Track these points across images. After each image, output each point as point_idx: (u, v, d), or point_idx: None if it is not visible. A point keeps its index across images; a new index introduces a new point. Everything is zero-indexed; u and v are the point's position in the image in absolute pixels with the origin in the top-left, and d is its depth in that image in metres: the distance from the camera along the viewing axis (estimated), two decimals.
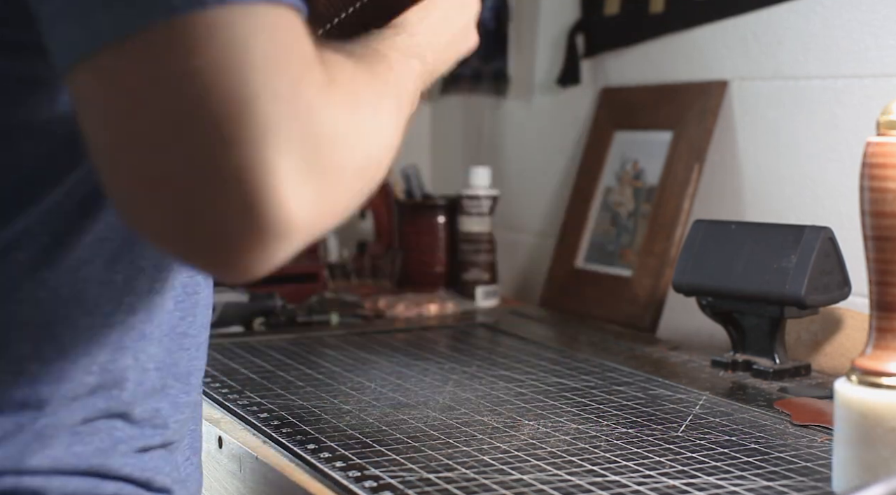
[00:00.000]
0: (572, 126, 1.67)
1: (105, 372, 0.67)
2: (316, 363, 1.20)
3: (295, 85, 0.51)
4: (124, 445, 0.69)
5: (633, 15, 1.55)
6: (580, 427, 0.94)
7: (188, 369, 0.74)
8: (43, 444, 0.65)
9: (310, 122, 0.52)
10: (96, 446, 0.67)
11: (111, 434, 0.68)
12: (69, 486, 0.66)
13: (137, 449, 0.70)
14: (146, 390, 0.70)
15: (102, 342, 0.67)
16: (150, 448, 0.71)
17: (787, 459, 0.85)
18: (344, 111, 0.55)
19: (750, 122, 1.37)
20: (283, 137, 0.50)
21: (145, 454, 0.71)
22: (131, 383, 0.69)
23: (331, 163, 0.53)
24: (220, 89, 0.49)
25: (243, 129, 0.49)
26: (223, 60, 0.50)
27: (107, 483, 0.68)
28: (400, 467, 0.83)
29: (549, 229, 1.70)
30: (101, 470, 0.68)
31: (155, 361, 0.71)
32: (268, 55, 0.51)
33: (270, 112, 0.50)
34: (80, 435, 0.67)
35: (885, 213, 0.72)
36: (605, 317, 1.48)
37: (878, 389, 0.72)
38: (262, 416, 0.98)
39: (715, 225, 1.21)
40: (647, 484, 0.79)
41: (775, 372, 1.12)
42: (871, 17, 1.22)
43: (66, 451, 0.66)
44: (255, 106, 0.50)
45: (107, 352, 0.67)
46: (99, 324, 0.66)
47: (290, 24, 0.53)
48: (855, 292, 1.13)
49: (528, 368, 1.18)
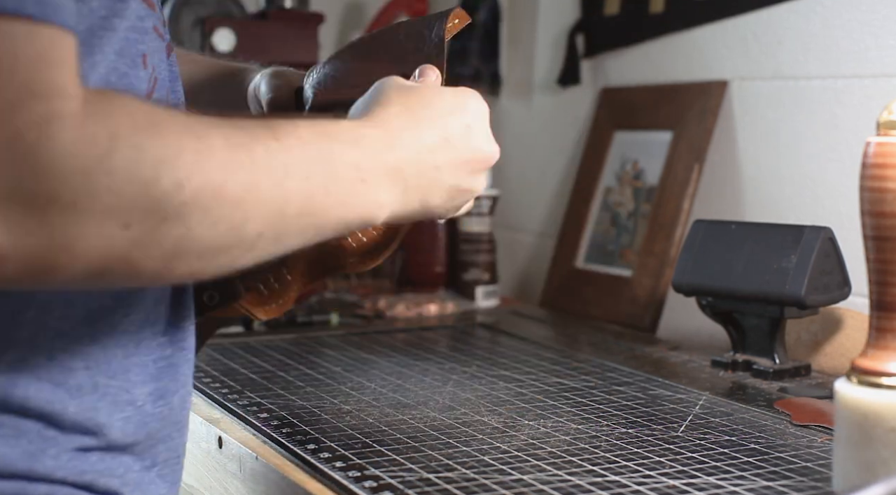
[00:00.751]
0: (572, 126, 1.67)
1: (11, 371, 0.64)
2: (316, 363, 1.20)
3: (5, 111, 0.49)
4: (55, 448, 0.65)
5: (633, 15, 1.55)
6: (580, 427, 0.94)
7: (125, 366, 0.69)
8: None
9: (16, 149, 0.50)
10: (24, 449, 0.64)
11: (41, 434, 0.65)
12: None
13: (72, 449, 0.66)
14: (71, 389, 0.66)
15: (11, 339, 0.64)
16: (90, 449, 0.67)
17: (787, 459, 0.85)
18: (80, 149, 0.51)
19: (750, 122, 1.37)
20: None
21: (84, 455, 0.67)
22: (48, 383, 0.65)
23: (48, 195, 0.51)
24: None
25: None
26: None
27: (36, 485, 0.64)
28: (400, 467, 0.83)
29: (549, 229, 1.70)
30: (30, 473, 0.64)
31: (82, 360, 0.66)
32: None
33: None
34: (5, 437, 0.64)
35: (885, 213, 0.72)
36: (605, 317, 1.48)
37: (878, 389, 0.72)
38: (262, 416, 0.98)
39: (715, 225, 1.21)
40: (647, 484, 0.79)
41: (775, 373, 1.12)
42: (871, 17, 1.22)
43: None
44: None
45: (15, 350, 0.64)
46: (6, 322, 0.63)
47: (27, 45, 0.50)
48: (855, 292, 1.13)
49: (528, 368, 1.18)
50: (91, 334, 0.67)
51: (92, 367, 0.67)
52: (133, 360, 0.70)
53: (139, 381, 0.71)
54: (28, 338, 0.64)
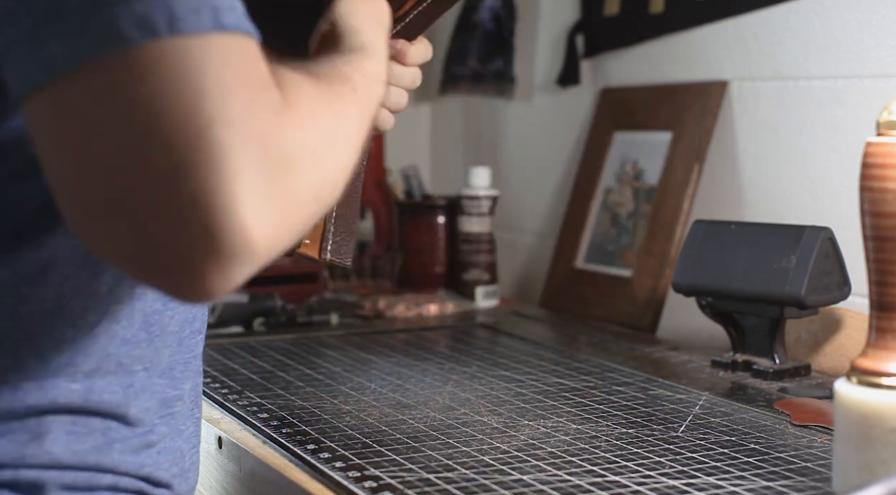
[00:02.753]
0: (572, 126, 1.67)
1: (89, 380, 0.68)
2: (316, 363, 1.20)
3: (248, 109, 0.52)
4: (120, 444, 0.70)
5: (632, 15, 1.55)
6: (580, 427, 0.94)
7: (170, 364, 0.74)
8: (40, 442, 0.66)
9: (265, 145, 0.53)
10: (92, 444, 0.68)
11: (105, 433, 0.69)
12: (66, 477, 0.67)
13: (133, 448, 0.71)
14: (135, 391, 0.71)
15: (86, 351, 0.67)
16: (146, 446, 0.72)
17: (786, 459, 0.85)
18: (300, 133, 0.56)
19: (750, 122, 1.37)
20: (238, 162, 0.51)
21: (142, 452, 0.71)
22: (118, 387, 0.69)
23: (288, 185, 0.54)
24: (173, 116, 0.50)
25: (197, 155, 0.50)
26: (175, 88, 0.51)
27: (103, 475, 0.69)
28: (400, 467, 0.83)
29: (549, 229, 1.70)
30: (98, 466, 0.69)
31: (141, 363, 0.71)
32: (220, 81, 0.52)
33: (224, 137, 0.51)
34: (77, 434, 0.68)
35: (885, 213, 0.72)
36: (605, 317, 1.48)
37: (877, 389, 0.72)
38: (261, 416, 0.98)
39: (715, 225, 1.21)
40: (647, 484, 0.79)
41: (775, 373, 1.12)
42: (871, 17, 1.22)
43: (65, 449, 0.67)
44: (209, 132, 0.51)
45: (91, 361, 0.68)
46: (83, 334, 0.67)
47: (242, 50, 0.54)
48: (855, 292, 1.13)
49: (528, 368, 1.18)
50: (147, 338, 0.71)
51: (149, 368, 0.72)
52: (176, 358, 0.75)
53: (182, 378, 0.75)
54: (102, 347, 0.68)
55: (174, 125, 0.50)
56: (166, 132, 0.50)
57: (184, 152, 0.50)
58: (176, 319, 0.74)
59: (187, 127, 0.50)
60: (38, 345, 0.66)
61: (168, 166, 0.50)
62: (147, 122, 0.50)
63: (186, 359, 0.76)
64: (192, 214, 0.51)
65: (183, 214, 0.51)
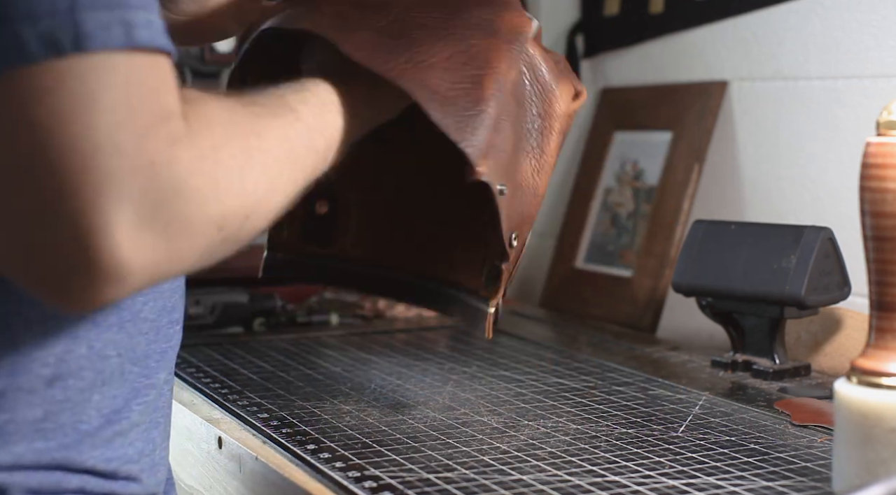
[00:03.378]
0: (572, 126, 1.67)
1: (61, 363, 0.67)
2: (316, 363, 1.20)
3: (141, 138, 0.53)
4: (90, 438, 0.69)
5: (632, 15, 1.55)
6: (580, 427, 0.94)
7: (146, 352, 0.73)
8: (5, 442, 0.65)
9: (152, 176, 0.53)
10: (59, 441, 0.67)
11: (75, 428, 0.68)
12: (32, 481, 0.66)
13: (105, 439, 0.70)
14: (105, 377, 0.70)
15: (56, 333, 0.67)
16: (117, 435, 0.71)
17: (786, 459, 0.85)
18: (197, 164, 0.56)
19: (750, 122, 1.37)
20: (121, 190, 0.52)
21: (114, 442, 0.70)
22: (89, 371, 0.69)
23: (177, 215, 0.55)
24: (63, 140, 0.51)
25: (81, 181, 0.51)
26: (68, 112, 0.51)
27: (71, 476, 0.68)
28: (400, 467, 0.83)
29: (548, 229, 1.70)
30: (66, 463, 0.68)
31: (114, 347, 0.70)
32: (116, 108, 0.52)
33: (110, 165, 0.52)
34: (44, 431, 0.67)
35: (885, 213, 0.72)
36: (605, 317, 1.48)
37: (877, 389, 0.72)
38: (261, 416, 0.98)
39: (715, 225, 1.21)
40: (646, 484, 0.79)
41: (775, 373, 1.12)
42: (871, 17, 1.22)
43: (28, 447, 0.66)
44: (95, 159, 0.51)
45: (62, 343, 0.67)
46: (51, 315, 0.66)
47: (149, 70, 0.54)
48: (855, 292, 1.13)
49: (528, 368, 1.18)
50: (118, 323, 0.70)
51: (122, 355, 0.71)
52: (153, 347, 0.74)
53: (158, 368, 0.75)
54: (71, 330, 0.67)
55: (63, 149, 0.51)
56: (55, 155, 0.51)
57: (69, 176, 0.51)
58: (149, 306, 0.73)
59: (75, 152, 0.51)
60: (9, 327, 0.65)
61: (52, 187, 0.52)
62: (37, 143, 0.51)
63: (163, 349, 0.75)
64: (68, 236, 0.52)
65: (61, 233, 0.52)
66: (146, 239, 0.54)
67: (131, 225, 0.53)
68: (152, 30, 0.54)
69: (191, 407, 1.03)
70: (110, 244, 0.53)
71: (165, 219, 0.54)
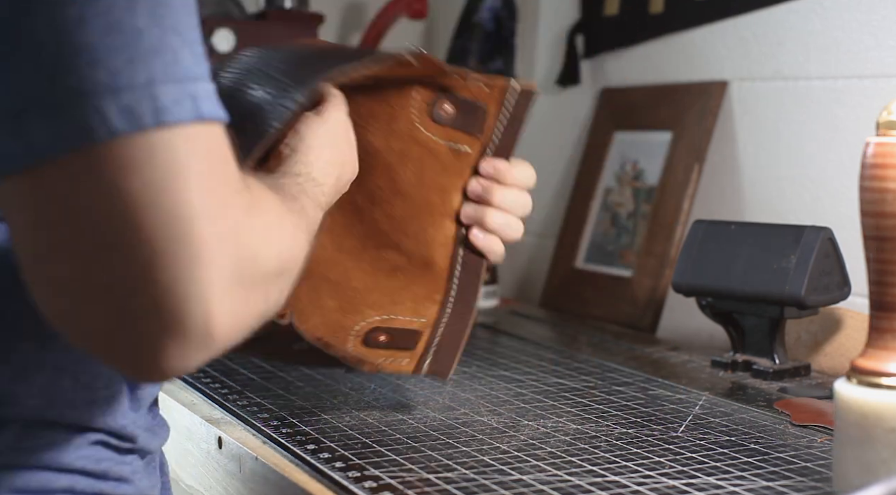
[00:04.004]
0: (572, 126, 1.67)
1: (46, 395, 0.67)
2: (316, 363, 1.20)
3: (225, 206, 0.54)
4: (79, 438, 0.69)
5: (632, 15, 1.55)
6: (580, 427, 0.94)
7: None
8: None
9: (237, 242, 0.55)
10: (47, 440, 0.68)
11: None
12: (18, 481, 0.66)
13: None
14: (92, 400, 0.70)
15: (42, 365, 0.67)
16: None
17: (786, 459, 0.85)
18: (266, 234, 0.58)
19: (750, 122, 1.37)
20: (214, 256, 0.53)
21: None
22: (80, 401, 0.69)
23: (252, 279, 0.57)
24: (157, 209, 0.52)
25: (178, 248, 0.52)
26: (161, 181, 0.52)
27: (59, 476, 0.68)
28: (400, 467, 0.83)
29: (549, 229, 1.70)
30: (53, 464, 0.68)
31: (102, 378, 0.70)
32: (201, 176, 0.53)
33: (204, 233, 0.53)
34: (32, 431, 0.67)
35: (885, 213, 0.72)
36: (605, 317, 1.48)
37: (877, 389, 0.72)
38: (262, 416, 0.98)
39: (715, 225, 1.21)
40: (646, 484, 0.79)
41: (775, 373, 1.12)
42: (871, 17, 1.22)
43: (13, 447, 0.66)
44: (191, 226, 0.52)
45: (46, 375, 0.67)
46: (38, 347, 0.67)
47: (218, 141, 0.55)
48: (855, 292, 1.13)
49: (528, 368, 1.18)
50: None
51: (110, 386, 0.71)
52: None
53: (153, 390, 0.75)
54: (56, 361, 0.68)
55: (158, 218, 0.52)
56: (150, 225, 0.52)
57: (165, 244, 0.52)
58: None
59: (172, 222, 0.52)
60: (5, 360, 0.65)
61: (148, 256, 0.52)
62: (131, 213, 0.52)
63: None
64: (164, 305, 0.52)
65: (156, 302, 0.52)
66: (233, 304, 0.55)
67: (222, 291, 0.54)
68: (212, 101, 0.55)
69: (191, 408, 1.02)
70: (204, 311, 0.53)
71: (246, 282, 0.56)
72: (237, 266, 0.55)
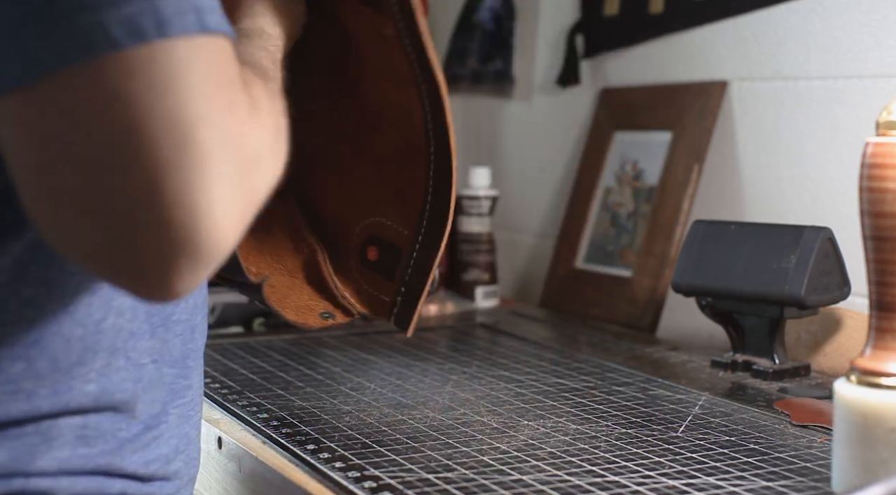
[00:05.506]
0: (572, 126, 1.67)
1: (102, 378, 0.68)
2: (315, 363, 1.20)
3: (228, 110, 0.53)
4: (130, 444, 0.70)
5: (632, 15, 1.55)
6: (580, 427, 0.94)
7: (183, 353, 0.74)
8: (49, 446, 0.66)
9: (240, 147, 0.54)
10: (101, 447, 0.68)
11: (115, 435, 0.69)
12: (77, 486, 0.67)
13: (144, 443, 0.71)
14: (145, 385, 0.70)
15: (95, 348, 0.67)
16: (155, 438, 0.72)
17: (786, 459, 0.85)
18: (264, 132, 0.57)
19: (750, 122, 1.37)
20: (218, 162, 0.52)
21: (151, 446, 0.71)
22: (130, 382, 0.69)
23: (253, 185, 0.56)
24: (159, 117, 0.51)
25: (182, 156, 0.51)
26: (162, 90, 0.51)
27: (113, 481, 0.69)
28: (399, 467, 0.83)
29: (549, 229, 1.70)
30: (108, 469, 0.68)
31: (150, 354, 0.71)
32: (204, 83, 0.52)
33: (207, 138, 0.52)
34: (86, 438, 0.67)
35: (885, 213, 0.72)
36: (604, 317, 1.48)
37: (877, 389, 0.72)
38: (261, 417, 0.98)
39: (715, 225, 1.21)
40: (646, 484, 0.79)
41: (775, 373, 1.12)
42: (871, 17, 1.22)
43: (73, 453, 0.67)
44: (194, 132, 0.51)
45: (101, 357, 0.67)
46: (91, 332, 0.67)
47: (222, 51, 0.55)
48: (855, 292, 1.13)
49: (528, 368, 1.18)
50: (150, 330, 0.71)
51: (158, 361, 0.72)
52: (190, 347, 0.75)
53: (195, 367, 0.76)
54: (110, 344, 0.68)
55: (160, 126, 0.51)
56: (153, 132, 0.51)
57: (169, 152, 0.51)
58: (181, 307, 0.74)
59: (173, 128, 0.51)
60: (49, 347, 0.65)
61: (152, 165, 0.51)
62: (134, 123, 0.51)
63: (199, 346, 0.76)
64: (172, 213, 0.51)
65: (163, 213, 0.51)
66: (235, 211, 0.54)
67: (226, 199, 0.53)
68: (217, 14, 0.55)
69: None
70: (211, 219, 0.52)
71: (247, 188, 0.55)
72: (242, 171, 0.54)
